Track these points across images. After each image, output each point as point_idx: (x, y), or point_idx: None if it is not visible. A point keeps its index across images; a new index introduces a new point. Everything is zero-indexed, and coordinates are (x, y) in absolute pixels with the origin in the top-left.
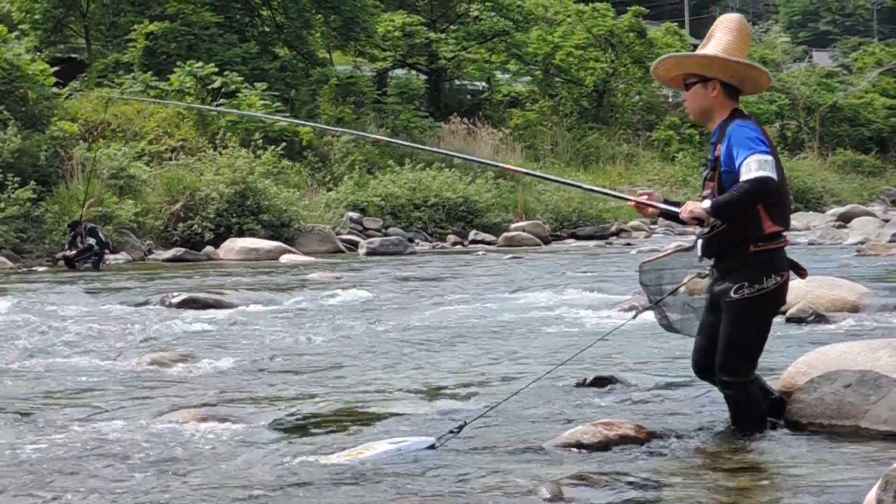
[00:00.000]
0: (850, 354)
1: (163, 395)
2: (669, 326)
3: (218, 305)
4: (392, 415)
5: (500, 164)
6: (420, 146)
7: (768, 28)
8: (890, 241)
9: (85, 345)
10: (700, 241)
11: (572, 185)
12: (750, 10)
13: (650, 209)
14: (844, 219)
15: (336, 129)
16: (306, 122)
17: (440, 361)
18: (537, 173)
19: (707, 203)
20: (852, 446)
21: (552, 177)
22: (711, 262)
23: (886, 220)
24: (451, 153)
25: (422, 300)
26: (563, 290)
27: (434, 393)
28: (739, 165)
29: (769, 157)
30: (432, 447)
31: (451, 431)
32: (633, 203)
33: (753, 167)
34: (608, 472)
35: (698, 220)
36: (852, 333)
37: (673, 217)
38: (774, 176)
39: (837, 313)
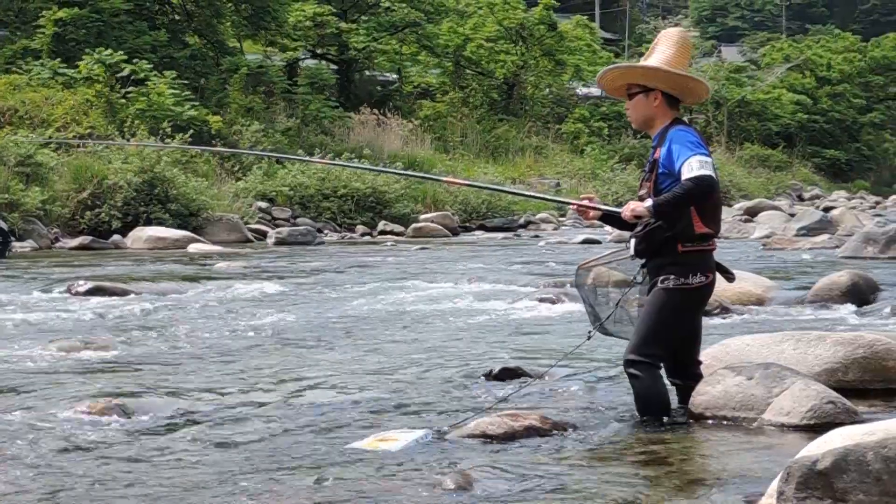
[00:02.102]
0: (754, 347)
1: (68, 384)
2: (602, 328)
3: (124, 294)
4: (293, 405)
5: (447, 180)
6: (381, 169)
7: (677, 23)
8: (796, 235)
9: None
10: (633, 241)
11: (522, 195)
12: (660, 4)
13: (592, 212)
14: (751, 213)
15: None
16: (343, 164)
17: (347, 352)
18: (490, 186)
19: (649, 202)
20: (756, 438)
21: (502, 188)
22: (643, 263)
23: (792, 215)
24: (409, 174)
25: (328, 290)
26: (470, 281)
27: (342, 384)
28: (681, 165)
29: (709, 159)
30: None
31: (450, 426)
32: (575, 207)
33: (695, 166)
34: (513, 463)
35: (640, 219)
36: (757, 326)
37: (615, 219)
38: (714, 175)
39: (743, 306)
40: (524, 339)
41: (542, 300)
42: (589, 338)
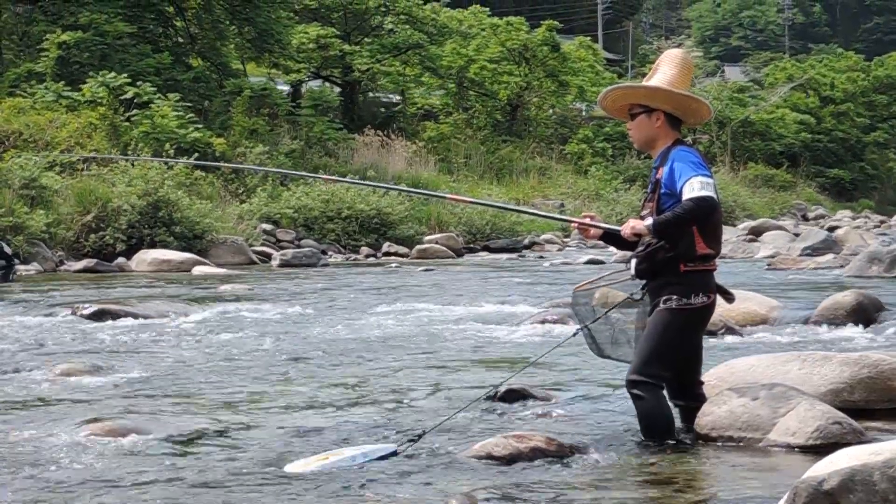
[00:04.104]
0: (759, 367)
1: (73, 407)
2: (600, 352)
3: (129, 317)
4: (306, 427)
5: (451, 196)
6: (390, 186)
7: (681, 43)
8: (800, 255)
9: None
10: (634, 261)
11: (523, 213)
12: (663, 25)
13: (592, 230)
14: (756, 232)
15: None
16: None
17: (350, 372)
18: (493, 203)
19: (649, 220)
20: (762, 458)
21: (504, 205)
22: (644, 284)
23: (797, 234)
24: (415, 191)
25: (332, 313)
26: (474, 302)
27: (346, 404)
28: (682, 185)
29: (711, 180)
30: (394, 454)
31: (410, 440)
32: (576, 225)
33: (696, 187)
34: (519, 485)
35: (639, 237)
36: (762, 346)
37: (615, 238)
38: (715, 196)
39: (748, 326)
40: (528, 360)
41: (546, 321)
42: (574, 335)
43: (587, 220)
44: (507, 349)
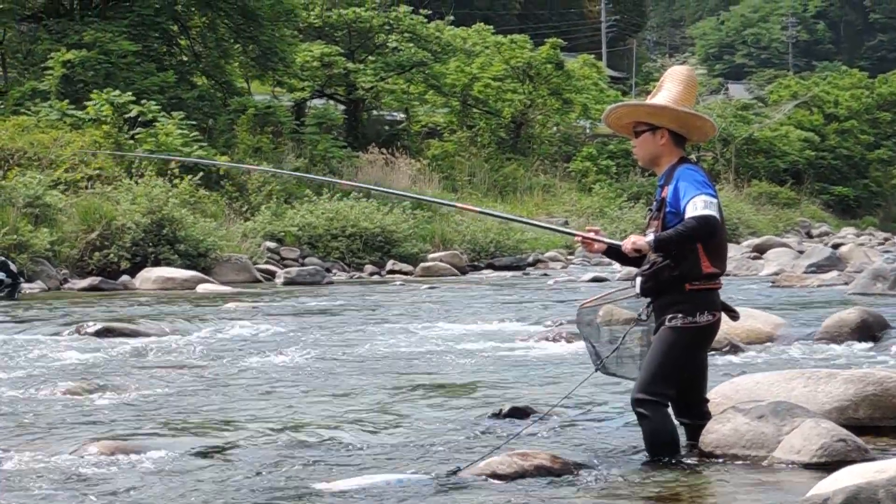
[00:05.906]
0: (764, 385)
1: (78, 425)
2: (604, 369)
3: (133, 335)
4: (306, 444)
5: (459, 205)
6: (404, 193)
7: (685, 61)
8: (804, 272)
9: None
10: (639, 279)
11: (533, 225)
12: (667, 42)
13: (596, 245)
14: (760, 250)
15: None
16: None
17: (354, 390)
18: (501, 214)
19: (651, 236)
20: (766, 476)
21: (511, 216)
22: (649, 302)
23: (801, 252)
24: (425, 198)
25: (336, 331)
26: (478, 320)
27: (352, 424)
28: (686, 204)
29: (715, 200)
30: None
31: (449, 472)
32: (579, 238)
33: (700, 206)
34: (523, 503)
35: (640, 253)
36: (767, 364)
37: (618, 252)
38: (718, 216)
39: (752, 344)
40: (533, 379)
41: (550, 339)
42: (596, 369)
43: (591, 235)
44: (513, 368)
